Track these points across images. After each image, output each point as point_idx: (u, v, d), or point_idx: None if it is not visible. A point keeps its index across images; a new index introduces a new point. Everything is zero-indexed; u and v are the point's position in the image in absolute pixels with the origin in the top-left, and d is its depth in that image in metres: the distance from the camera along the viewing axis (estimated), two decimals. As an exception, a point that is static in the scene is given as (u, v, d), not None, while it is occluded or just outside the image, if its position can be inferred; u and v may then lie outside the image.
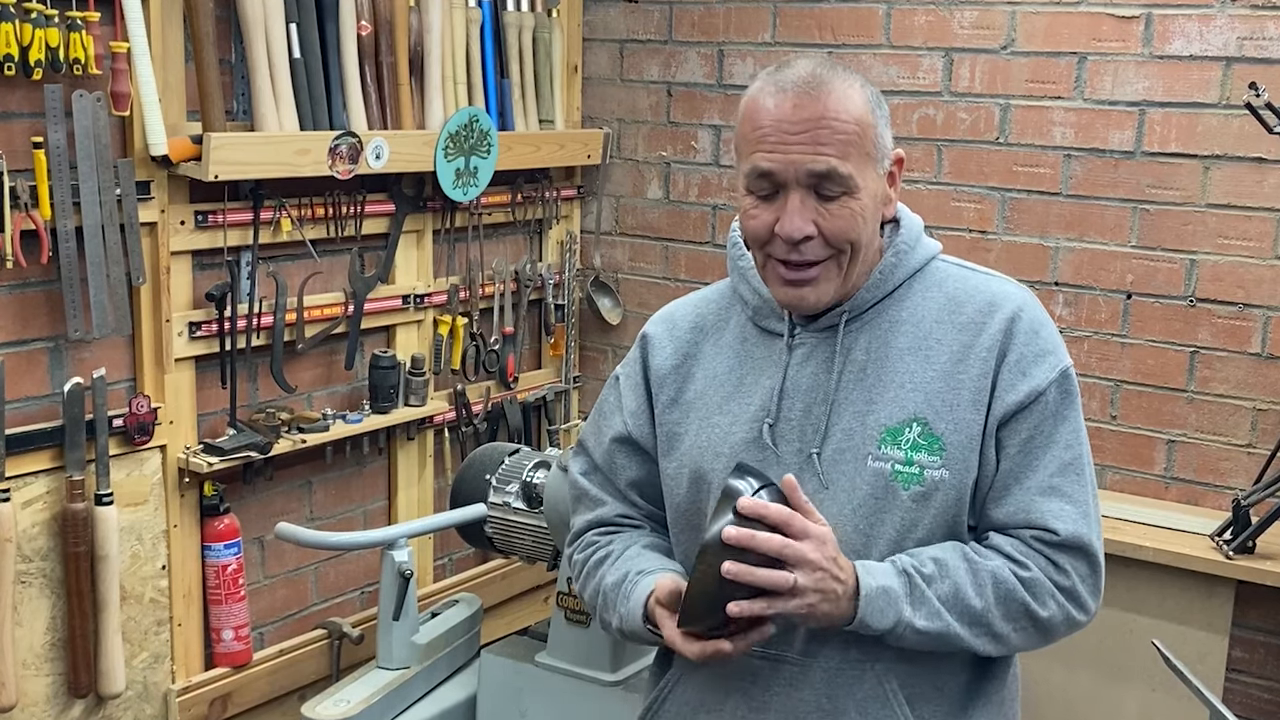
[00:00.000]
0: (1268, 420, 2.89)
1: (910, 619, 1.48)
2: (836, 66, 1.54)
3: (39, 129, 2.37)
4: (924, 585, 1.49)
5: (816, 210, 1.50)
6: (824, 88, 1.49)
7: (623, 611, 1.63)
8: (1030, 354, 1.55)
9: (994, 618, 1.52)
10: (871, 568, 1.49)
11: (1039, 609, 1.53)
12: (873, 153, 1.52)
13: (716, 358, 1.67)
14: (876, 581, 1.47)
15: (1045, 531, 1.53)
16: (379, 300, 3.11)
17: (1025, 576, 1.52)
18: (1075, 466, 1.56)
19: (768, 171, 1.50)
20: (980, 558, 1.53)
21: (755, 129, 1.51)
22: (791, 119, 1.49)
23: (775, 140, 1.49)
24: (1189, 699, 1.75)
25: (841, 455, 1.56)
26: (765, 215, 1.52)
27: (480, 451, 2.99)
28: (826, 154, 1.48)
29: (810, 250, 1.52)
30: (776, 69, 1.55)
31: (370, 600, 3.25)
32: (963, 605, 1.50)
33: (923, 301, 1.60)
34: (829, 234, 1.51)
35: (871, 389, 1.56)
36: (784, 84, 1.51)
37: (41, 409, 2.49)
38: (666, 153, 3.62)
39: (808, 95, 1.49)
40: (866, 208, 1.52)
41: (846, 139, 1.49)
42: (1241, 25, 2.80)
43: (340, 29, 2.86)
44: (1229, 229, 2.89)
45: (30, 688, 2.51)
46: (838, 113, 1.48)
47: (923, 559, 1.51)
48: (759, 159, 1.51)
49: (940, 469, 1.52)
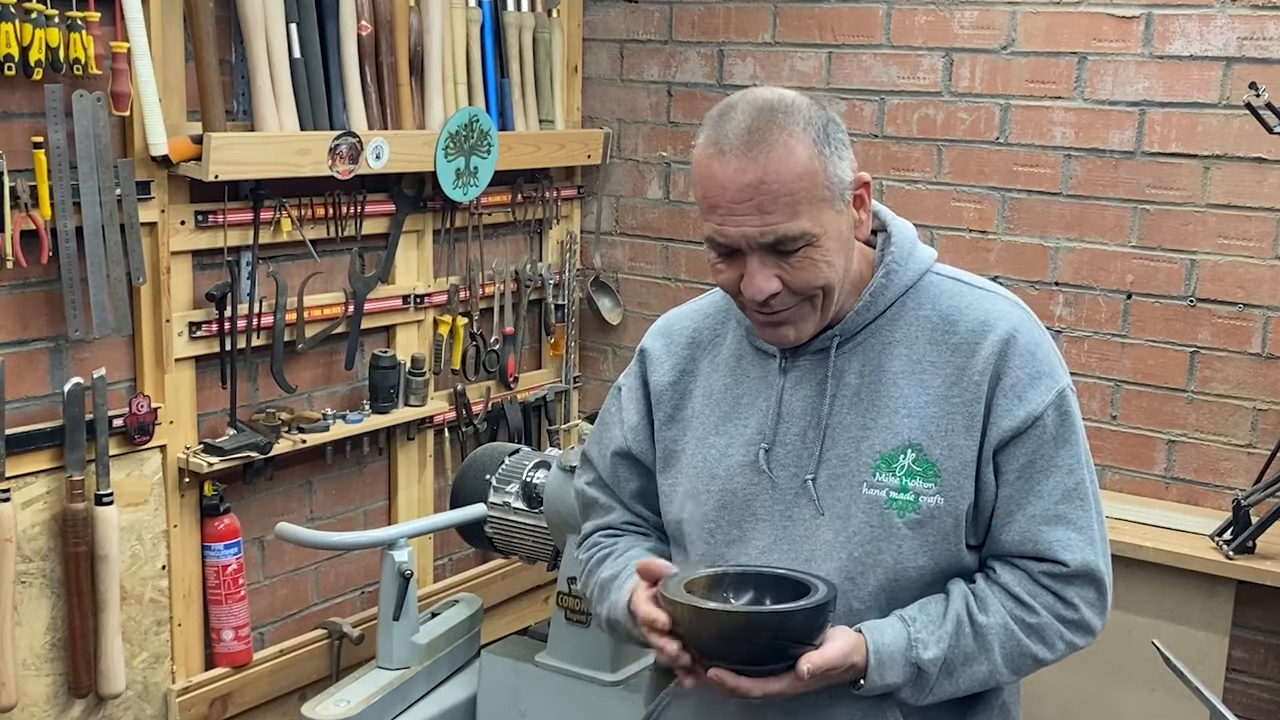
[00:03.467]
0: (1268, 420, 2.89)
1: (914, 703, 1.53)
2: (776, 110, 1.46)
3: (39, 129, 2.37)
4: (931, 673, 1.50)
5: (779, 265, 1.48)
6: (761, 146, 1.44)
7: (612, 599, 1.64)
8: (1026, 377, 1.52)
9: (1000, 674, 1.54)
10: (885, 661, 1.49)
11: (1045, 652, 1.55)
12: (826, 196, 1.47)
13: (713, 375, 1.67)
14: (883, 680, 1.49)
15: (1054, 564, 1.52)
16: (379, 300, 3.11)
17: (1033, 623, 1.53)
18: (1079, 492, 1.54)
19: (722, 244, 1.49)
20: (983, 614, 1.52)
21: (704, 196, 1.49)
22: (734, 187, 1.44)
23: (724, 212, 1.46)
24: (1189, 699, 1.75)
25: (836, 482, 1.55)
26: (730, 273, 1.51)
27: (480, 451, 2.99)
28: (774, 221, 1.44)
29: (779, 302, 1.50)
30: (719, 117, 1.49)
31: (370, 600, 3.25)
32: (970, 677, 1.53)
33: (916, 320, 1.57)
34: (795, 286, 1.49)
35: (865, 414, 1.55)
36: (724, 145, 1.46)
37: (41, 409, 2.49)
38: (666, 153, 3.62)
39: (747, 160, 1.44)
40: (830, 250, 1.49)
41: (793, 198, 1.44)
42: (1241, 25, 2.80)
43: (340, 29, 2.86)
44: (1229, 229, 2.89)
45: (30, 688, 2.51)
46: (779, 173, 1.43)
47: (934, 635, 1.51)
48: (711, 230, 1.49)
49: (935, 495, 1.51)
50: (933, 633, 1.50)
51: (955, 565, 1.55)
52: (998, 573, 1.55)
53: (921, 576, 1.53)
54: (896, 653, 1.48)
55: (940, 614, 1.52)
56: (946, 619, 1.51)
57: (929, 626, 1.50)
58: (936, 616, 1.52)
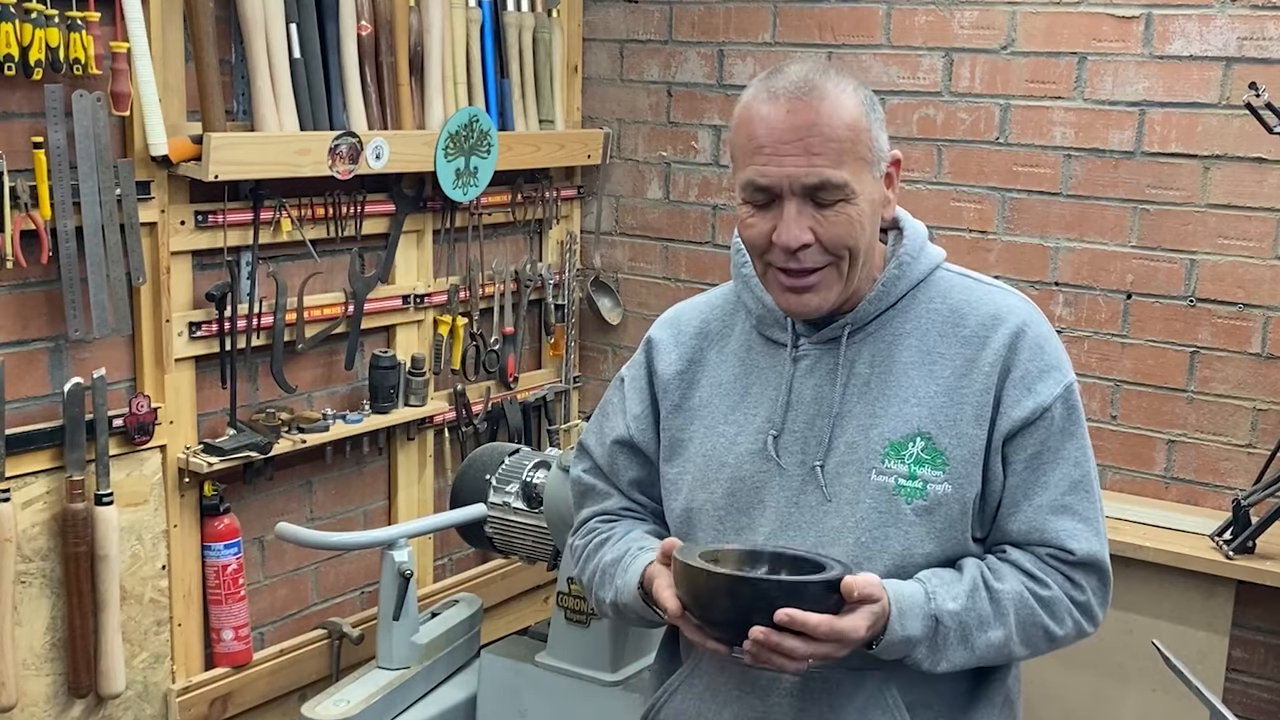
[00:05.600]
0: (1268, 420, 2.89)
1: (929, 667, 1.51)
2: (830, 70, 1.53)
3: (39, 129, 2.37)
4: (949, 628, 1.49)
5: (813, 217, 1.50)
6: (816, 93, 1.49)
7: (619, 584, 1.63)
8: (1035, 370, 1.55)
9: (1014, 644, 1.54)
10: (905, 611, 1.47)
11: (1056, 628, 1.56)
12: (868, 157, 1.51)
13: (721, 365, 1.67)
14: (904, 630, 1.47)
15: (1061, 551, 1.55)
16: (379, 300, 3.11)
17: (1045, 596, 1.54)
18: (1085, 484, 1.57)
19: (763, 186, 1.50)
20: (998, 581, 1.53)
21: (749, 139, 1.51)
22: (784, 127, 1.48)
23: (770, 152, 1.49)
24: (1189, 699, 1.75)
25: (845, 468, 1.56)
26: (762, 224, 1.52)
27: (480, 451, 2.99)
28: (820, 164, 1.48)
29: (809, 258, 1.51)
30: (769, 74, 1.54)
31: (370, 600, 3.25)
32: (986, 643, 1.52)
33: (926, 313, 1.60)
34: (827, 241, 1.51)
35: (875, 402, 1.56)
36: (776, 91, 1.50)
37: (41, 409, 2.49)
38: (666, 153, 3.62)
39: (800, 102, 1.48)
40: (864, 212, 1.52)
41: (840, 146, 1.48)
42: (1241, 25, 2.80)
43: (340, 29, 2.86)
44: (1229, 229, 2.89)
45: (30, 688, 2.51)
46: (830, 119, 1.48)
47: (951, 592, 1.50)
48: (753, 172, 1.50)
49: (943, 483, 1.53)
50: (949, 590, 1.51)
51: (961, 553, 1.57)
52: (1008, 552, 1.57)
53: (928, 563, 1.55)
54: (916, 604, 1.48)
55: (955, 577, 1.53)
56: (962, 581, 1.52)
57: (945, 586, 1.51)
58: (951, 579, 1.53)
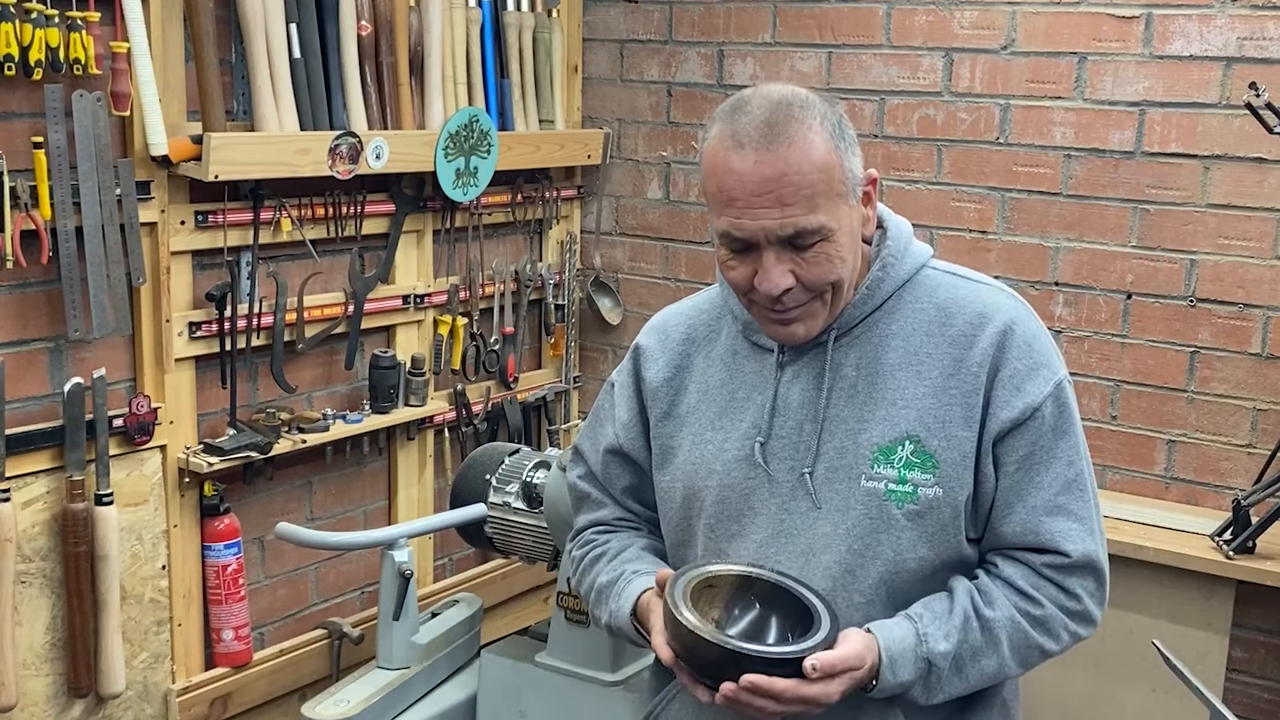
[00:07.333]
0: (1268, 420, 2.89)
1: (924, 702, 1.52)
2: (793, 103, 1.47)
3: (39, 129, 2.37)
4: (942, 669, 1.50)
5: (793, 260, 1.47)
6: (782, 139, 1.43)
7: (613, 608, 1.65)
8: (1024, 369, 1.53)
9: (1009, 668, 1.54)
10: (897, 658, 1.48)
11: (1052, 644, 1.55)
12: (842, 191, 1.48)
13: (709, 370, 1.66)
14: (896, 678, 1.48)
15: (1056, 555, 1.53)
16: (379, 300, 3.11)
17: (1039, 615, 1.53)
18: (1078, 483, 1.55)
19: (739, 238, 1.48)
20: (989, 609, 1.52)
21: (720, 190, 1.47)
22: (754, 180, 1.44)
23: (742, 205, 1.45)
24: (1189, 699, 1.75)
25: (834, 475, 1.55)
26: (743, 268, 1.50)
27: (480, 451, 2.99)
28: (794, 214, 1.44)
29: (792, 298, 1.50)
30: (733, 110, 1.48)
31: (370, 600, 3.25)
32: (979, 672, 1.52)
33: (912, 313, 1.58)
34: (808, 282, 1.49)
35: (863, 406, 1.55)
36: (742, 137, 1.45)
37: (41, 409, 2.49)
38: (666, 153, 3.62)
39: (768, 152, 1.43)
40: (844, 245, 1.49)
41: (813, 190, 1.44)
42: (1241, 25, 2.80)
43: (340, 29, 2.86)
44: (1229, 229, 2.89)
45: (30, 688, 2.51)
46: (800, 166, 1.43)
47: (943, 629, 1.50)
48: (727, 224, 1.47)
49: (934, 486, 1.51)
50: (941, 628, 1.50)
51: (955, 556, 1.55)
52: (999, 567, 1.55)
53: (922, 568, 1.53)
54: (907, 649, 1.48)
55: (946, 610, 1.52)
56: (953, 614, 1.51)
57: (936, 622, 1.50)
58: (943, 613, 1.52)
